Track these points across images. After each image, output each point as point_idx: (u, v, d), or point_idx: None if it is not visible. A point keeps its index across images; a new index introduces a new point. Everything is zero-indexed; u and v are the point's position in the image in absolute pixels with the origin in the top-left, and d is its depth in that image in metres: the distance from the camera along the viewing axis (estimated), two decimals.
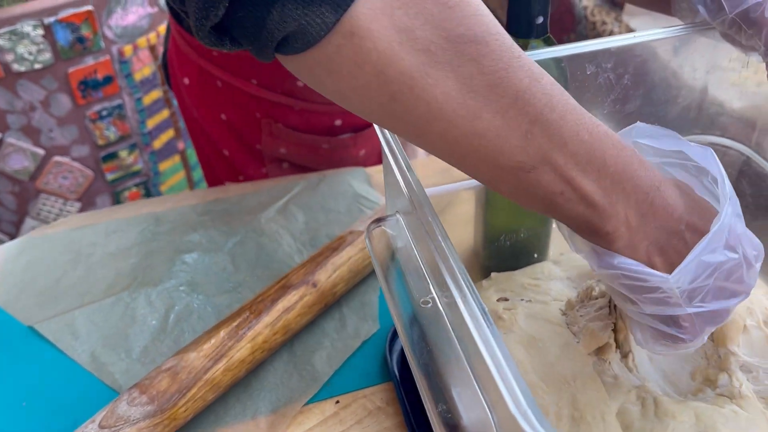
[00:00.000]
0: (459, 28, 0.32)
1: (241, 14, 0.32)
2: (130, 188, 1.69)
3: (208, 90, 0.86)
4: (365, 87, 0.33)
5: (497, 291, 0.52)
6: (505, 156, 0.34)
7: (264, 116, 0.84)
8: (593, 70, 0.49)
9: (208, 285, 0.68)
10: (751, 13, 0.43)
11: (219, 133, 0.89)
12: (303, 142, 0.85)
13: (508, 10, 0.53)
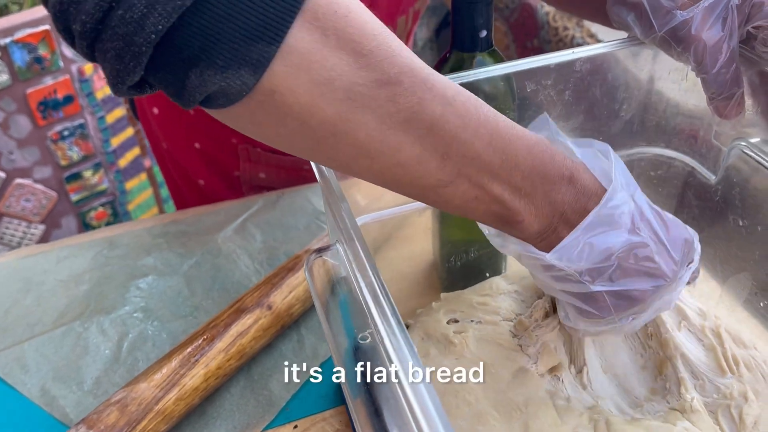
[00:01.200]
0: (374, 73, 0.33)
1: (159, 76, 0.32)
2: (96, 208, 1.66)
3: (179, 119, 0.83)
4: (290, 135, 0.35)
5: (447, 312, 0.51)
6: (425, 178, 0.36)
7: (241, 142, 0.82)
8: (533, 88, 0.48)
9: (163, 310, 0.66)
10: (679, 30, 0.43)
11: (193, 162, 0.86)
12: (283, 164, 0.83)
13: (452, 25, 0.52)
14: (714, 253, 0.53)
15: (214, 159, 0.85)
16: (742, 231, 0.49)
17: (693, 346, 0.48)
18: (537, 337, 0.47)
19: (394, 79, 0.33)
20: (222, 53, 0.30)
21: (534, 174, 0.37)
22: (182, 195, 0.93)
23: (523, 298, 0.52)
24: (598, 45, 0.49)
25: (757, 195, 0.47)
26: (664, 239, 0.38)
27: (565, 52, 0.48)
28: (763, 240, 0.48)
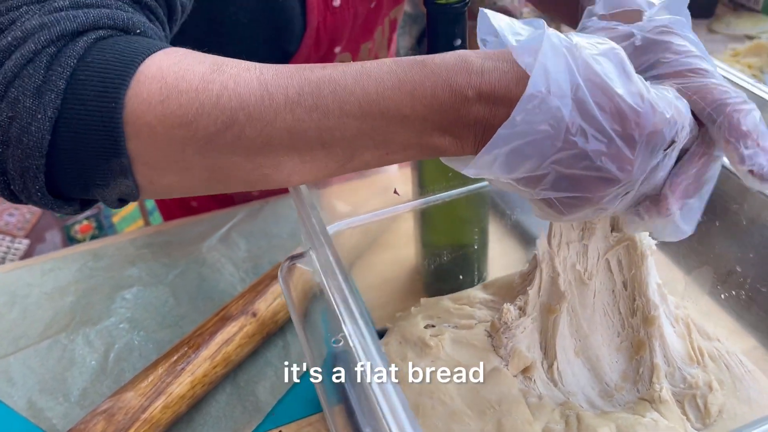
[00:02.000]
0: (210, 127, 0.35)
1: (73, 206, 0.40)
2: (80, 222, 1.66)
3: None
4: (200, 189, 0.40)
5: (425, 317, 0.53)
6: (326, 169, 0.37)
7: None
8: None
9: (149, 321, 0.67)
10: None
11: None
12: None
13: (427, 35, 0.54)
14: (677, 248, 0.55)
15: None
16: (702, 226, 0.51)
17: (670, 331, 0.49)
18: (507, 339, 0.48)
19: (230, 121, 0.34)
20: (95, 179, 0.36)
21: (430, 112, 0.34)
22: (174, 216, 0.92)
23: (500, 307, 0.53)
24: None
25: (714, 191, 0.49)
26: (614, 136, 0.33)
27: None
28: (722, 235, 0.50)
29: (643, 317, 0.48)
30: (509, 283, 0.55)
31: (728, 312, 0.51)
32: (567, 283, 0.47)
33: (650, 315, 0.48)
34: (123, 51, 0.36)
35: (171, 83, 0.35)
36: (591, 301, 0.49)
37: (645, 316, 0.48)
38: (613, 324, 0.50)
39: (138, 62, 0.35)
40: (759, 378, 0.48)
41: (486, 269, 0.63)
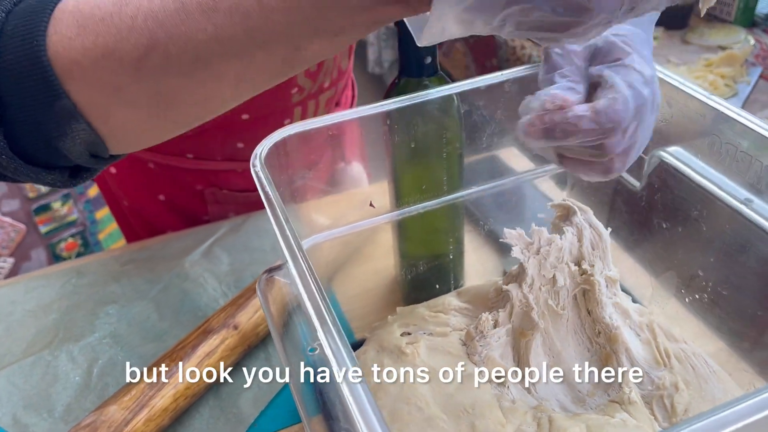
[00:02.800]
0: (134, 52, 0.34)
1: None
2: (66, 239, 1.66)
3: (139, 175, 0.83)
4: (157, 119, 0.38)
5: (401, 325, 0.54)
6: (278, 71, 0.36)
7: (206, 186, 0.82)
8: (467, 109, 0.52)
9: (133, 336, 0.68)
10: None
11: (159, 215, 0.87)
12: (251, 201, 0.84)
13: (399, 54, 0.56)
14: (644, 254, 0.57)
15: (180, 208, 0.85)
16: (666, 233, 0.53)
17: (634, 341, 0.52)
18: (481, 347, 0.50)
19: (151, 42, 0.33)
20: (50, 129, 0.36)
21: None
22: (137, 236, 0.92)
23: (473, 314, 0.55)
24: (526, 66, 0.53)
25: (676, 199, 0.52)
26: None
27: (494, 74, 0.52)
28: (684, 241, 0.52)
29: (607, 336, 0.51)
30: (484, 293, 0.57)
31: (693, 315, 0.53)
32: (540, 314, 0.50)
33: (612, 333, 0.51)
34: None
35: (86, 13, 0.34)
36: (564, 326, 0.51)
37: (608, 335, 0.51)
38: (583, 341, 0.52)
39: (56, 1, 0.35)
40: (724, 378, 0.50)
41: (462, 277, 0.65)
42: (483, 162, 0.59)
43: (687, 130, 0.50)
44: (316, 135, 0.50)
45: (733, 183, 0.47)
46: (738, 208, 0.46)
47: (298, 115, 0.77)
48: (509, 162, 0.62)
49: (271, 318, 0.43)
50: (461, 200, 0.59)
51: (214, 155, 0.80)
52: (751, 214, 0.45)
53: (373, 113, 0.51)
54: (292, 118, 0.76)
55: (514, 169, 0.61)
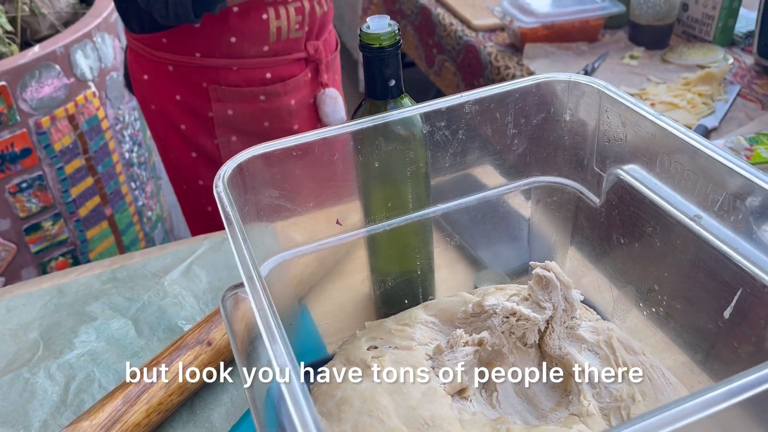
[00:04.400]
0: None
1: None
2: (56, 258, 1.67)
3: (162, 77, 1.07)
4: None
5: (369, 339, 0.55)
6: None
7: (210, 83, 1.05)
8: (429, 129, 0.54)
9: (110, 353, 0.69)
10: None
11: (176, 112, 1.09)
12: (244, 97, 1.05)
13: (365, 76, 0.58)
14: (605, 269, 0.58)
15: (191, 105, 1.07)
16: (624, 248, 0.55)
17: (591, 361, 0.53)
18: (448, 361, 0.51)
19: None
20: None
21: None
22: (166, 142, 1.15)
23: (439, 329, 0.56)
24: (485, 88, 0.55)
25: (632, 216, 0.53)
26: None
27: (454, 96, 0.54)
28: (641, 256, 0.53)
29: (562, 363, 0.52)
30: (451, 309, 0.58)
31: (652, 327, 0.54)
32: (509, 350, 0.52)
33: (566, 359, 0.52)
34: None
35: None
36: (530, 358, 0.53)
37: (563, 362, 0.52)
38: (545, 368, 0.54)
39: None
40: (680, 390, 0.51)
41: (432, 292, 0.66)
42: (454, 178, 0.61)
43: (641, 149, 0.52)
44: (281, 155, 0.52)
45: (683, 200, 0.49)
46: (688, 224, 0.48)
47: (272, 13, 1.01)
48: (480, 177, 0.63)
49: (234, 336, 0.44)
50: (429, 217, 0.60)
51: (214, 53, 1.02)
52: (699, 230, 0.47)
53: (338, 134, 0.53)
54: (267, 13, 1.01)
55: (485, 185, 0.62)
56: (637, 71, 1.46)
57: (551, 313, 0.50)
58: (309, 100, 1.13)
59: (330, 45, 1.17)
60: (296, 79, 1.09)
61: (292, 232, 0.70)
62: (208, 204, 1.18)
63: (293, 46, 1.07)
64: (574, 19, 1.55)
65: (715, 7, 1.47)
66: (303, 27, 1.06)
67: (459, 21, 1.84)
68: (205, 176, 1.16)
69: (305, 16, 1.05)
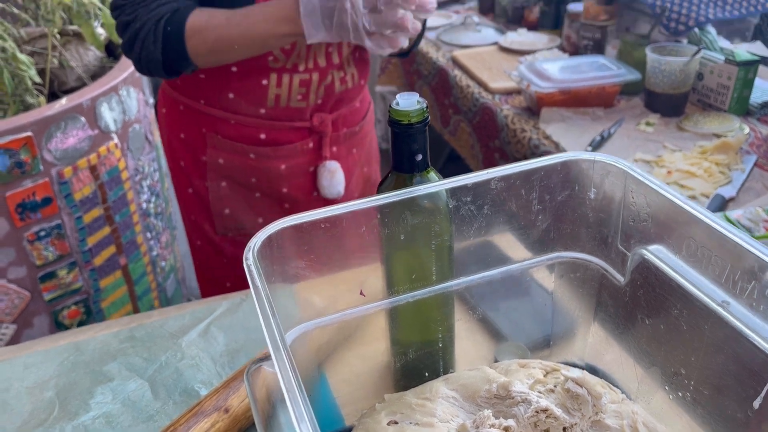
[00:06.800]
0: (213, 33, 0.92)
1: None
2: (69, 307, 1.67)
3: (174, 114, 1.15)
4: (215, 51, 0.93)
5: (388, 414, 0.55)
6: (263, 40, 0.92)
7: (209, 130, 1.10)
8: (455, 204, 0.55)
9: (126, 415, 0.69)
10: None
11: (179, 148, 1.17)
12: (236, 150, 1.09)
13: (392, 151, 0.59)
14: (629, 347, 0.58)
15: (191, 146, 1.13)
16: (649, 329, 0.55)
17: None
18: None
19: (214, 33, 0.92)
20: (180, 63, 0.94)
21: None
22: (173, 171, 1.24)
23: (460, 404, 0.56)
24: (511, 165, 0.56)
25: (658, 297, 0.53)
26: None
27: (480, 172, 0.55)
28: (666, 338, 0.53)
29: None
30: (473, 386, 0.57)
31: (679, 411, 0.53)
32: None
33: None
34: (181, 16, 0.92)
35: (196, 27, 0.92)
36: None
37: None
38: None
39: (186, 18, 0.92)
40: None
41: (453, 365, 0.65)
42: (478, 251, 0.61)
43: (666, 231, 0.52)
44: (310, 227, 0.53)
45: (711, 284, 0.49)
46: (716, 310, 0.47)
47: (273, 79, 1.04)
48: (504, 251, 0.64)
49: (257, 409, 0.44)
50: (452, 289, 0.60)
51: (215, 103, 1.08)
52: (728, 317, 0.47)
53: (366, 207, 0.53)
54: (268, 79, 1.04)
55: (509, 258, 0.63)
56: (653, 138, 1.48)
57: (579, 419, 0.50)
58: (307, 168, 1.13)
59: (351, 119, 1.17)
60: (292, 147, 1.10)
61: (316, 300, 0.70)
62: (197, 239, 1.23)
63: (294, 114, 1.08)
64: (591, 85, 1.58)
65: (730, 77, 1.49)
66: (307, 98, 1.07)
67: (476, 83, 1.88)
68: (195, 212, 1.20)
69: (310, 89, 1.06)
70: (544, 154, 1.51)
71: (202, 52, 0.92)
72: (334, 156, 1.14)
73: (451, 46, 2.14)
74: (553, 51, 1.93)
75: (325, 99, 1.09)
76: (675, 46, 1.57)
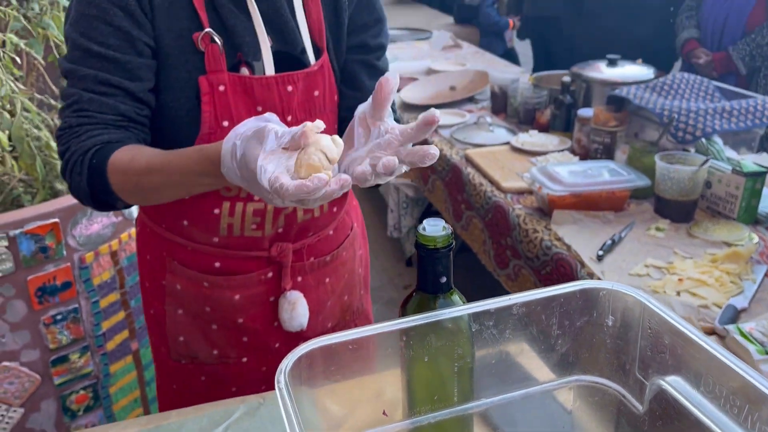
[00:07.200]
0: (135, 177, 0.87)
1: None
2: (77, 391, 1.67)
3: (144, 234, 1.12)
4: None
5: None
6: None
7: (168, 255, 1.06)
8: (477, 328, 0.57)
9: None
10: None
11: (144, 268, 1.14)
12: (191, 278, 1.05)
13: (418, 272, 0.62)
14: None
15: (153, 268, 1.10)
16: None
17: None
18: None
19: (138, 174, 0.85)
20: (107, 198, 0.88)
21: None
22: (142, 289, 1.18)
23: None
24: (532, 292, 0.58)
25: (676, 430, 0.54)
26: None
27: (502, 298, 0.57)
28: None
29: None
30: None
31: None
32: None
33: None
34: (107, 152, 0.86)
35: (120, 168, 0.85)
36: None
37: None
38: None
39: (111, 154, 0.86)
40: None
41: None
42: (498, 373, 0.62)
43: (684, 364, 0.54)
44: (338, 348, 0.55)
45: (731, 423, 0.50)
46: None
47: (226, 208, 0.99)
48: (524, 373, 0.65)
49: None
50: (472, 411, 0.61)
51: (173, 229, 1.04)
52: None
53: (392, 330, 0.56)
54: (220, 208, 1.00)
55: (528, 380, 0.64)
56: (663, 243, 1.51)
57: None
58: (266, 298, 1.06)
59: (321, 248, 1.09)
60: (248, 276, 1.04)
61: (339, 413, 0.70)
62: (155, 359, 1.18)
63: (250, 243, 1.02)
64: (601, 189, 1.63)
65: (738, 187, 1.54)
66: (262, 228, 1.01)
67: (488, 182, 1.93)
68: (154, 334, 1.14)
69: (266, 218, 1.01)
70: (555, 255, 1.54)
71: (127, 189, 0.87)
72: (299, 286, 1.07)
73: (464, 144, 2.22)
74: (564, 153, 2.00)
75: (286, 228, 1.03)
76: (683, 154, 1.62)
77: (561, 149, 2.04)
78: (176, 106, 0.93)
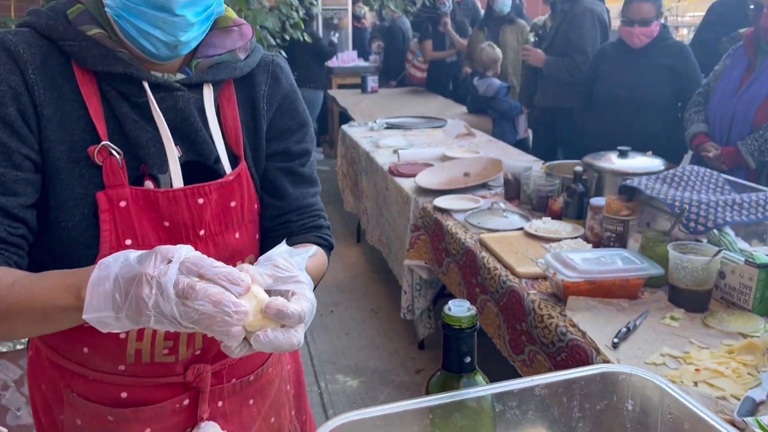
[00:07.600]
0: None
1: None
2: None
3: (38, 361, 0.98)
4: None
5: None
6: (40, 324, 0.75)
7: (66, 386, 0.93)
8: (501, 408, 0.59)
9: None
10: None
11: (39, 402, 0.99)
12: (93, 413, 0.92)
13: (443, 350, 0.64)
14: None
15: (49, 402, 0.96)
16: None
17: None
18: None
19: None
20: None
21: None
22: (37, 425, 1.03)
23: None
24: (554, 374, 0.60)
25: None
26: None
27: (525, 379, 0.59)
28: None
29: None
30: None
31: None
32: None
33: None
34: None
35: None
36: None
37: None
38: None
39: None
40: None
41: None
42: None
43: None
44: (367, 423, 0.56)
45: None
46: None
47: (133, 332, 0.88)
48: None
49: None
50: None
51: (69, 355, 0.92)
52: None
53: (419, 408, 0.57)
54: (126, 334, 0.88)
55: None
56: (679, 333, 1.51)
57: None
58: (182, 429, 0.94)
59: (243, 368, 0.99)
60: (160, 407, 0.92)
61: None
62: None
63: (162, 369, 0.91)
64: (615, 277, 1.65)
65: (751, 278, 1.55)
66: (176, 351, 0.91)
67: (503, 266, 1.96)
68: None
69: (179, 341, 0.91)
70: (571, 342, 1.54)
71: None
72: (219, 411, 0.96)
73: (478, 229, 2.26)
74: (578, 241, 2.03)
75: (204, 349, 0.93)
76: (696, 245, 1.65)
77: (574, 236, 2.07)
78: (71, 225, 0.84)
